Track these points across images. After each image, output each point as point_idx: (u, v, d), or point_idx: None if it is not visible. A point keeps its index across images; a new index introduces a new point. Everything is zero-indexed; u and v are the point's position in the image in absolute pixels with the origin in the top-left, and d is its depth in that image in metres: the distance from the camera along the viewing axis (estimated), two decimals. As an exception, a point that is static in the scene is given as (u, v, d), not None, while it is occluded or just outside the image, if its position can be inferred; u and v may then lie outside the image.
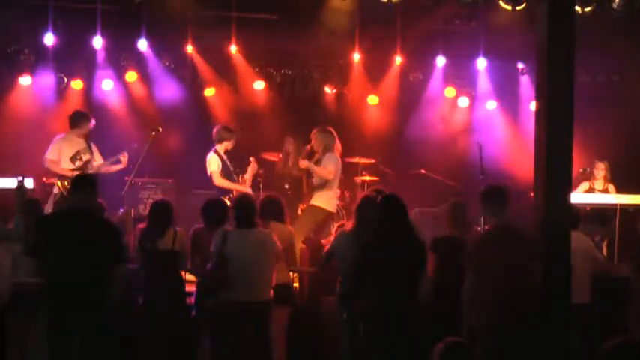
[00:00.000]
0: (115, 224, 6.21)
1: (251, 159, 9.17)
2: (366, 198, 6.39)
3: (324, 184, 8.64)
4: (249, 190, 9.02)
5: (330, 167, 8.57)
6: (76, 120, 9.19)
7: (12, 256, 6.42)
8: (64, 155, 9.00)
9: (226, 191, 8.75)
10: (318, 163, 8.67)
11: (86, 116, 9.26)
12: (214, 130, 9.10)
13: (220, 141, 8.97)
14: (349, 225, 6.47)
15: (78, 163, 9.04)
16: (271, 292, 6.32)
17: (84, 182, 6.01)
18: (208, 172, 8.85)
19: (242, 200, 6.53)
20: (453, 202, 6.91)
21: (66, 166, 8.93)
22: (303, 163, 8.69)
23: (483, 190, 6.33)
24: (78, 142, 9.13)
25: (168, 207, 6.81)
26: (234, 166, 9.12)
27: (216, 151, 8.93)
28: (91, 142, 9.29)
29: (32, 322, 6.37)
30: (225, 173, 8.90)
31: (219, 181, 8.78)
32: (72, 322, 5.62)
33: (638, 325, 6.19)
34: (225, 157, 8.96)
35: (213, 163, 8.83)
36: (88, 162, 9.11)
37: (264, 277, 6.27)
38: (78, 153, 9.08)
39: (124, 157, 9.19)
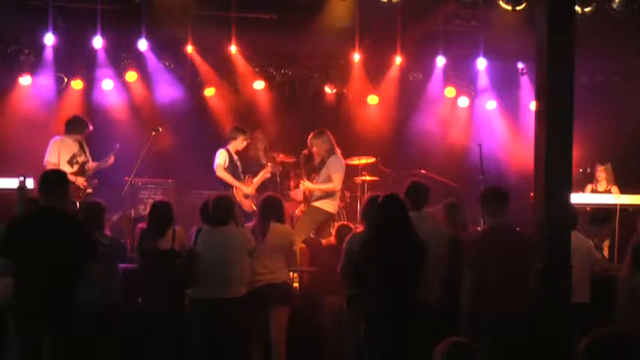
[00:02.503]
0: (84, 223, 6.07)
1: (269, 164, 9.30)
2: (372, 198, 6.37)
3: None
4: (249, 190, 9.03)
5: (335, 175, 8.54)
6: (74, 125, 9.20)
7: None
8: (62, 158, 9.02)
9: (229, 187, 8.85)
10: (321, 165, 8.67)
11: (85, 123, 9.27)
12: (228, 130, 9.33)
13: (230, 140, 9.15)
14: (360, 228, 6.48)
15: (75, 166, 9.07)
16: (242, 288, 6.46)
17: (52, 181, 5.77)
18: (214, 166, 8.92)
19: (216, 199, 6.67)
20: (448, 203, 6.91)
21: (65, 169, 8.90)
22: (306, 185, 8.72)
23: (483, 190, 6.33)
24: (72, 145, 9.16)
25: (168, 207, 6.83)
26: (244, 167, 9.17)
27: (227, 149, 9.09)
28: (87, 143, 9.33)
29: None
30: (231, 172, 8.96)
31: (221, 173, 8.93)
32: (37, 324, 5.46)
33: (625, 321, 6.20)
34: (235, 157, 9.08)
35: (219, 158, 8.99)
36: (84, 164, 9.16)
37: (233, 274, 6.43)
38: (74, 156, 9.12)
39: (110, 159, 9.29)
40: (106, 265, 6.58)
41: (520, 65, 11.45)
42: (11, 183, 8.07)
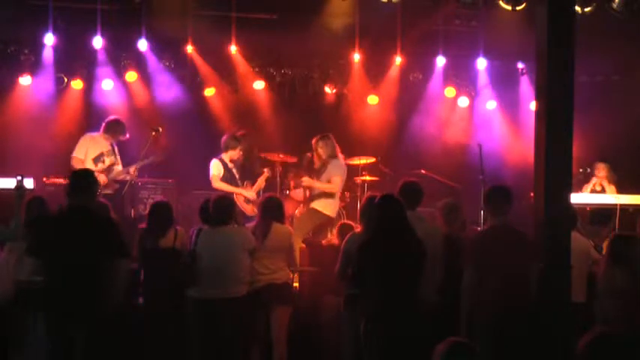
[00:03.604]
0: (114, 221, 6.13)
1: (265, 170, 9.29)
2: (370, 199, 6.37)
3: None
4: (251, 195, 8.96)
5: (335, 178, 8.53)
6: (113, 128, 9.22)
7: (16, 255, 6.40)
8: (88, 155, 9.03)
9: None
10: (323, 169, 8.65)
11: (123, 129, 9.29)
12: (223, 138, 9.16)
13: (226, 149, 9.05)
14: (359, 228, 6.48)
15: (100, 165, 9.06)
16: (243, 288, 6.46)
17: (81, 181, 5.82)
18: (210, 177, 8.90)
19: (216, 200, 6.67)
20: (446, 202, 6.90)
21: (89, 167, 8.82)
22: (306, 181, 8.69)
23: (487, 189, 6.32)
24: (104, 144, 9.17)
25: (168, 207, 6.85)
26: (241, 174, 9.10)
27: (220, 159, 9.02)
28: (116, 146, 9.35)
29: (34, 321, 6.37)
30: (229, 181, 8.94)
31: (218, 184, 8.86)
32: (71, 323, 5.53)
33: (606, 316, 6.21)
34: (230, 165, 9.03)
35: (213, 168, 8.95)
36: (111, 165, 9.13)
37: (234, 274, 6.42)
38: (101, 155, 9.11)
39: (131, 171, 9.20)
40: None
41: (520, 65, 11.45)
42: (11, 183, 8.05)
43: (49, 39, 10.13)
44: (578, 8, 8.86)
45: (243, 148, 9.16)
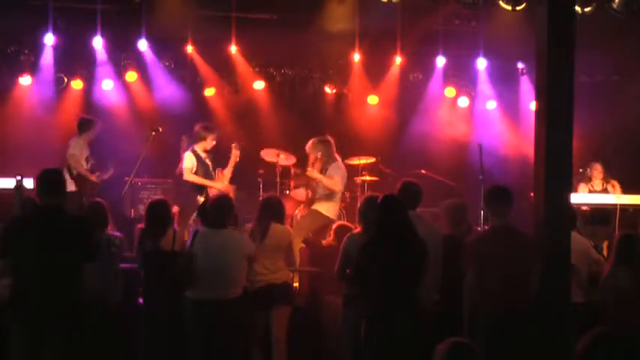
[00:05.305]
0: (86, 221, 5.91)
1: (232, 145, 8.90)
2: (369, 199, 6.36)
3: (329, 193, 8.60)
4: (222, 186, 8.73)
5: (337, 178, 8.54)
6: (86, 126, 9.26)
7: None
8: (82, 155, 9.07)
9: (201, 188, 8.65)
10: (323, 172, 8.63)
11: (93, 121, 9.33)
12: (194, 129, 8.92)
13: (198, 140, 8.82)
14: (358, 228, 6.47)
15: (89, 164, 9.14)
16: (240, 290, 6.44)
17: (50, 180, 5.55)
18: (182, 170, 8.76)
19: (215, 200, 6.65)
20: (452, 203, 6.87)
21: (83, 165, 9.07)
22: (312, 173, 8.64)
23: (488, 189, 6.31)
24: (85, 146, 9.21)
25: (167, 206, 6.82)
26: (215, 164, 8.90)
27: (193, 150, 8.78)
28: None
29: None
30: (203, 173, 8.75)
31: (189, 176, 8.67)
32: (40, 326, 5.33)
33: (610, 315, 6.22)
34: (203, 156, 8.80)
35: (186, 161, 8.72)
36: (94, 164, 9.20)
37: (232, 276, 6.39)
38: (88, 156, 9.18)
39: (107, 173, 9.34)
40: (114, 265, 6.60)
41: (520, 65, 11.47)
42: (11, 183, 8.06)
43: (49, 39, 10.15)
44: (578, 8, 8.86)
45: (215, 137, 8.83)
